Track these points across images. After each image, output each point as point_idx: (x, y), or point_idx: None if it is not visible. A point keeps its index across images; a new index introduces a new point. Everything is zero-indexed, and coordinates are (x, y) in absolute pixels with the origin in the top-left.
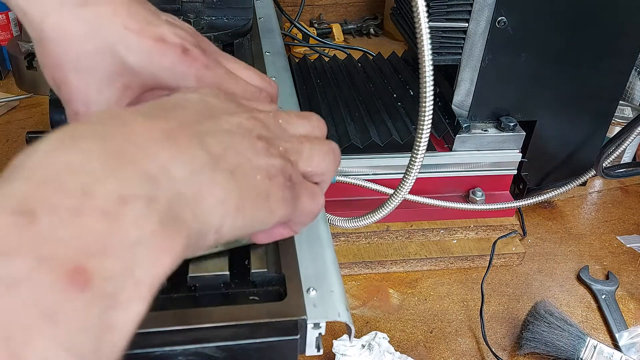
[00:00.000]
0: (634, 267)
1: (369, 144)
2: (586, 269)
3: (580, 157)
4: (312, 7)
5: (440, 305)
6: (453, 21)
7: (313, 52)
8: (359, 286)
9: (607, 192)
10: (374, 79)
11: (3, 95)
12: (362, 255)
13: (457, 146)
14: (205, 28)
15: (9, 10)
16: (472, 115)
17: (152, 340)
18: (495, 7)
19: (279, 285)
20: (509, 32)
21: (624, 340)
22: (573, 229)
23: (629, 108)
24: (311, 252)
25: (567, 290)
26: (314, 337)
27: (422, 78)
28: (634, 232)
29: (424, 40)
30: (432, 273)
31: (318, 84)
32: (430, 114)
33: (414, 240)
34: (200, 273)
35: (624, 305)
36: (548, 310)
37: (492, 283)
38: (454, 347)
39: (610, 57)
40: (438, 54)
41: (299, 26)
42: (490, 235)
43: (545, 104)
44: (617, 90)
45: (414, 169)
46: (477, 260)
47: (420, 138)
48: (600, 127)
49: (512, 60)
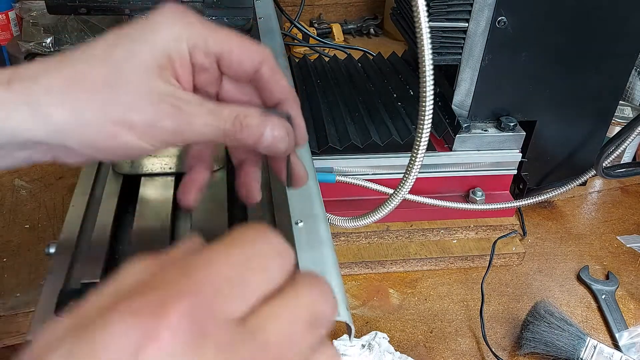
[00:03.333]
0: (634, 267)
1: (369, 144)
2: (586, 269)
3: (580, 157)
4: (312, 7)
5: (440, 305)
6: (453, 21)
7: (313, 52)
8: (359, 286)
9: (607, 192)
10: (374, 79)
11: None
12: (362, 255)
13: (457, 146)
14: None
15: (9, 10)
16: (472, 115)
17: None
18: (495, 7)
19: None
20: (509, 32)
21: (624, 340)
22: (573, 229)
23: (629, 108)
24: (311, 252)
25: (567, 290)
26: None
27: (422, 78)
28: (634, 232)
29: (424, 40)
30: (432, 273)
31: (318, 84)
32: (430, 114)
33: (414, 240)
34: None
35: (624, 305)
36: (548, 310)
37: (492, 283)
38: (454, 347)
39: (610, 57)
40: (438, 54)
41: (299, 26)
42: (490, 235)
43: (545, 104)
44: (617, 90)
45: (414, 169)
46: (477, 260)
47: (420, 138)
48: (600, 127)
49: (512, 60)
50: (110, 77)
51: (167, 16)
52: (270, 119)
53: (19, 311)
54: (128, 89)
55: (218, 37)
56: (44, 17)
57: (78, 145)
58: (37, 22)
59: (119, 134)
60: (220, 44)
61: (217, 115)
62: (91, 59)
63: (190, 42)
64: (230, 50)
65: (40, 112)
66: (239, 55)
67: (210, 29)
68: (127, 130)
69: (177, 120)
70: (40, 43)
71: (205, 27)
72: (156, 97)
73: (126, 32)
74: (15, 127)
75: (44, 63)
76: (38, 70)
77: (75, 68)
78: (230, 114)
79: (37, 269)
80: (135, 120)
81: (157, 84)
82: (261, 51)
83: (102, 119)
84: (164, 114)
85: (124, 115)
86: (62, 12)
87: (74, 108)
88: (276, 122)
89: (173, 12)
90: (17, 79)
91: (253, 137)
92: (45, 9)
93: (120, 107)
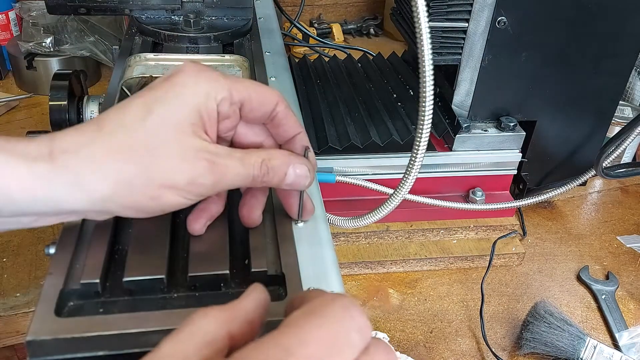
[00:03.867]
0: (634, 267)
1: (369, 144)
2: (586, 269)
3: (580, 157)
4: (312, 7)
5: (440, 305)
6: (453, 21)
7: (313, 52)
8: (359, 286)
9: (607, 192)
10: (374, 79)
11: (3, 95)
12: (362, 255)
13: (457, 146)
14: (205, 28)
15: (9, 10)
16: (472, 115)
17: (152, 340)
18: (495, 7)
19: (279, 285)
20: (509, 32)
21: (624, 340)
22: (573, 229)
23: (629, 108)
24: (311, 252)
25: (567, 290)
26: None
27: (422, 78)
28: (634, 232)
29: (424, 40)
30: (432, 273)
31: (318, 84)
32: (430, 114)
33: (414, 240)
34: (200, 272)
35: (624, 305)
36: (548, 310)
37: (492, 283)
38: (454, 347)
39: (610, 57)
40: (438, 54)
41: (299, 26)
42: (490, 235)
43: (545, 104)
44: (617, 90)
45: (414, 169)
46: (477, 260)
47: (420, 138)
48: (600, 127)
49: (512, 60)
50: (149, 143)
51: (190, 75)
52: (292, 159)
53: (19, 311)
54: (168, 152)
55: (239, 87)
56: (44, 17)
57: (120, 209)
58: (37, 22)
59: (163, 195)
60: (241, 93)
61: (246, 164)
62: (128, 127)
63: (218, 97)
64: (250, 97)
65: (85, 188)
66: (258, 100)
67: (231, 80)
68: (169, 190)
69: (213, 175)
70: (40, 43)
71: (227, 80)
72: (192, 155)
73: (155, 96)
74: (60, 201)
75: (82, 133)
76: (78, 142)
77: (115, 138)
78: (257, 159)
79: (37, 269)
80: (178, 181)
81: (192, 142)
82: (275, 94)
83: (146, 184)
84: (202, 171)
85: (167, 178)
86: (62, 12)
87: (118, 180)
88: (298, 161)
89: (194, 71)
90: (59, 152)
91: (278, 177)
92: (45, 9)
93: (163, 171)
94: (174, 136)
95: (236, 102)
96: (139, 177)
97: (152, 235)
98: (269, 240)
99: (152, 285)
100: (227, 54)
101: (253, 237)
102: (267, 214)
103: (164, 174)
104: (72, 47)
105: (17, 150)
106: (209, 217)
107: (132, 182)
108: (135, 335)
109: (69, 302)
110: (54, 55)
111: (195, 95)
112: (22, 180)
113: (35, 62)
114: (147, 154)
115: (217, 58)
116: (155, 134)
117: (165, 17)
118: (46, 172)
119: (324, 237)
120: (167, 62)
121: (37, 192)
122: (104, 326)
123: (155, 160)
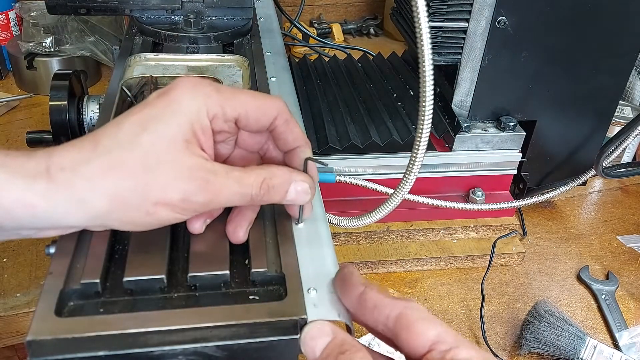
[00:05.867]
0: (634, 267)
1: (369, 144)
2: (586, 268)
3: (580, 157)
4: (312, 7)
5: (440, 305)
6: (453, 21)
7: (313, 52)
8: None
9: (607, 192)
10: (374, 79)
11: (3, 95)
12: (362, 255)
13: (457, 146)
14: (205, 28)
15: (9, 10)
16: (472, 115)
17: (152, 340)
18: (495, 7)
19: (279, 285)
20: (509, 32)
21: (624, 340)
22: (573, 229)
23: (629, 108)
24: (311, 252)
25: (567, 290)
26: None
27: (422, 78)
28: (634, 232)
29: (424, 40)
30: (432, 273)
31: (318, 84)
32: (430, 114)
33: (414, 240)
34: (200, 272)
35: (624, 305)
36: (548, 310)
37: (492, 283)
38: None
39: (610, 57)
40: (438, 54)
41: (299, 26)
42: (490, 235)
43: (545, 104)
44: (617, 90)
45: (414, 169)
46: (477, 260)
47: (420, 138)
48: (600, 127)
49: (512, 60)
50: (144, 161)
51: (185, 91)
52: (293, 176)
53: (20, 311)
54: (162, 170)
55: (234, 103)
56: (44, 17)
57: (118, 224)
58: (37, 22)
59: (158, 211)
60: (236, 110)
61: (243, 184)
62: (124, 144)
63: (210, 114)
64: (246, 113)
65: (83, 205)
66: (255, 115)
67: (226, 96)
68: (164, 207)
69: (207, 193)
70: (40, 43)
71: (222, 95)
72: (187, 173)
73: (150, 114)
74: (59, 217)
75: (78, 150)
76: (74, 159)
77: (111, 155)
78: (257, 179)
79: (37, 269)
80: (172, 198)
81: (187, 159)
82: (276, 105)
83: (141, 201)
84: (195, 189)
85: (161, 195)
86: (62, 12)
87: (115, 196)
88: (299, 178)
89: (189, 87)
90: (56, 169)
91: (279, 196)
92: (45, 9)
93: (157, 188)
94: (168, 154)
95: (230, 119)
96: (135, 194)
97: (152, 235)
98: (269, 240)
99: (152, 285)
100: (227, 54)
101: (253, 237)
102: (267, 214)
103: (158, 192)
104: (72, 47)
105: (16, 166)
106: (209, 216)
107: (128, 199)
108: (135, 335)
109: (69, 302)
110: (54, 55)
111: (189, 112)
112: (22, 197)
113: (36, 62)
114: (142, 171)
115: (217, 58)
116: (149, 151)
117: (166, 17)
118: (45, 189)
119: (324, 237)
120: (167, 62)
121: (37, 209)
122: (104, 326)
123: (150, 177)
